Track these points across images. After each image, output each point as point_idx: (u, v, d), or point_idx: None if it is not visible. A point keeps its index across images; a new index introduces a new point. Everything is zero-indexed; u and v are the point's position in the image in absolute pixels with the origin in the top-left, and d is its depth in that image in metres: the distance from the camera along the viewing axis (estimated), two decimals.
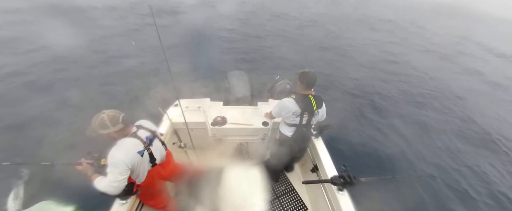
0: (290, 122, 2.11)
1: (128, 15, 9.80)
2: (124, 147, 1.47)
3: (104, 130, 1.43)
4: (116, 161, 1.40)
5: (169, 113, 2.47)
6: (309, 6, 16.66)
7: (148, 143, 1.61)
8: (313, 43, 9.34)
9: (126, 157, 1.44)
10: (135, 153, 1.50)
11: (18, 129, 3.80)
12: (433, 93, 6.75)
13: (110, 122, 1.43)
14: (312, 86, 2.03)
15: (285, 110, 2.06)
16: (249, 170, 1.97)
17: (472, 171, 4.24)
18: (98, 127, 1.42)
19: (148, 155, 1.62)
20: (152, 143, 1.66)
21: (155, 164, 1.70)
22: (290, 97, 2.03)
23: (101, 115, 1.44)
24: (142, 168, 1.61)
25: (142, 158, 1.55)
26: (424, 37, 12.42)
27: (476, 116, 5.83)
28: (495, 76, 8.51)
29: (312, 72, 2.00)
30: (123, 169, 1.41)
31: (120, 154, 1.43)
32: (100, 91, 5.01)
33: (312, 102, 2.01)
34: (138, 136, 1.57)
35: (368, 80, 6.98)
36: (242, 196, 1.74)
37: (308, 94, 2.03)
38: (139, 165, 1.55)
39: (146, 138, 1.62)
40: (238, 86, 3.45)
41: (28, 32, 7.17)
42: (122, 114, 1.51)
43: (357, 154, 4.12)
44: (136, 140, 1.54)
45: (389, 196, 2.82)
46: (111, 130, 1.44)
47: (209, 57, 7.07)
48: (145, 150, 1.57)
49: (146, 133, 1.65)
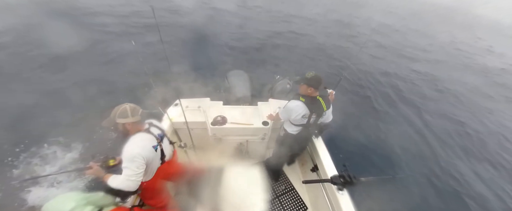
0: (297, 123, 2.11)
1: (128, 15, 9.79)
2: (141, 141, 1.53)
3: (123, 119, 1.50)
4: (134, 154, 1.43)
5: (169, 112, 2.47)
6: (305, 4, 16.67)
7: (160, 139, 1.66)
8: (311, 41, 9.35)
9: (143, 150, 1.48)
10: (150, 147, 1.55)
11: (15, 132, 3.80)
12: (435, 93, 6.76)
13: (131, 112, 1.51)
14: (319, 88, 2.02)
15: (295, 113, 2.03)
16: (249, 169, 1.98)
17: (472, 171, 4.24)
18: (119, 115, 1.50)
19: (160, 151, 1.67)
20: (162, 140, 1.71)
21: (164, 161, 1.74)
22: (298, 100, 2.01)
23: (124, 105, 1.54)
24: (155, 164, 1.66)
25: (156, 153, 1.60)
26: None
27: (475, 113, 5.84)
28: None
29: (318, 74, 1.99)
30: (140, 162, 1.44)
31: (137, 147, 1.47)
32: (100, 91, 5.01)
33: (322, 104, 2.03)
34: (151, 132, 1.62)
35: (369, 77, 6.98)
36: (242, 196, 1.74)
37: (316, 96, 2.03)
38: (153, 160, 1.60)
39: (158, 135, 1.67)
40: (238, 86, 3.46)
41: (26, 30, 7.17)
42: (141, 109, 1.59)
43: (357, 153, 4.12)
44: (150, 135, 1.59)
45: (389, 196, 2.82)
46: (129, 119, 1.51)
47: (209, 57, 7.07)
48: (158, 145, 1.63)
49: (158, 130, 1.71)
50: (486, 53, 12.48)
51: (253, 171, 1.95)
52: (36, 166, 3.15)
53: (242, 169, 1.98)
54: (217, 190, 1.74)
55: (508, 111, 6.52)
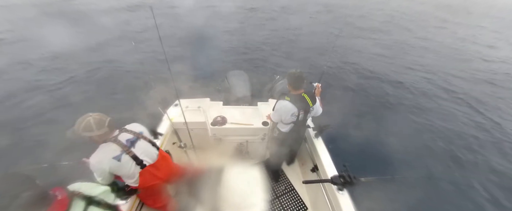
0: (288, 122, 2.15)
1: (128, 15, 9.80)
2: (100, 153, 1.50)
3: (88, 132, 1.45)
4: (93, 164, 1.48)
5: (169, 112, 2.47)
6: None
7: (128, 146, 1.58)
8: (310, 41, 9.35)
9: (99, 163, 1.48)
10: (110, 158, 1.50)
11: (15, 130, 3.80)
12: (436, 93, 6.76)
13: (96, 125, 1.45)
14: (300, 86, 2.04)
15: (284, 114, 2.08)
16: (249, 169, 1.98)
17: (473, 170, 4.24)
18: (83, 129, 1.43)
19: (131, 158, 1.58)
20: (134, 145, 1.62)
21: (144, 165, 1.66)
22: (284, 100, 2.04)
23: (87, 117, 1.45)
24: (127, 171, 1.59)
25: (119, 162, 1.53)
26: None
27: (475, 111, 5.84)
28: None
29: (299, 71, 2.01)
30: (99, 172, 1.50)
31: (94, 159, 1.48)
32: (100, 91, 5.01)
33: (307, 100, 2.07)
34: (118, 140, 1.55)
35: (370, 78, 6.99)
36: (242, 196, 1.74)
37: (301, 93, 2.06)
38: (120, 169, 1.56)
39: (127, 140, 1.59)
40: (238, 86, 3.46)
41: (30, 33, 7.17)
42: (108, 118, 1.52)
43: (357, 154, 4.12)
44: (113, 145, 1.53)
45: (389, 196, 2.82)
46: (94, 133, 1.45)
47: (209, 57, 7.08)
48: (123, 154, 1.54)
49: (128, 135, 1.62)
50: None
51: (253, 171, 1.95)
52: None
53: (242, 169, 1.98)
54: (217, 190, 1.74)
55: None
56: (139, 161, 1.62)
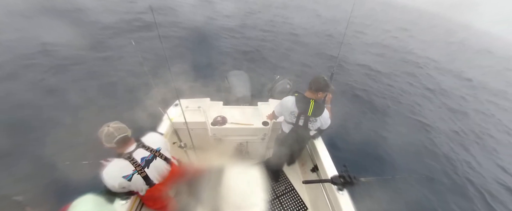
0: (288, 120, 2.14)
1: (128, 15, 9.78)
2: (111, 170, 1.46)
3: (106, 144, 1.47)
4: (104, 178, 1.45)
5: (169, 112, 2.47)
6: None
7: (142, 166, 1.53)
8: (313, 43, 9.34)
9: (110, 178, 1.45)
10: (120, 177, 1.46)
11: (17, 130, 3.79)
12: (438, 91, 6.75)
13: (105, 138, 1.44)
14: (313, 88, 1.96)
15: (285, 108, 2.08)
16: (249, 169, 1.97)
17: (472, 171, 4.24)
18: (101, 137, 1.46)
19: (142, 178, 1.54)
20: (148, 165, 1.57)
21: (153, 184, 1.62)
22: (292, 95, 2.04)
23: (105, 127, 1.46)
24: (135, 188, 1.57)
25: (129, 182, 1.49)
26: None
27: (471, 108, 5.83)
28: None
29: (322, 77, 1.94)
30: (109, 185, 1.47)
31: (106, 174, 1.44)
32: (100, 91, 5.00)
33: (310, 107, 1.97)
34: (133, 157, 1.50)
35: (370, 80, 6.98)
36: (242, 196, 1.74)
37: (311, 98, 1.99)
38: (130, 186, 1.53)
39: (142, 159, 1.54)
40: (238, 86, 3.45)
41: (28, 31, 7.15)
42: (121, 135, 1.46)
43: (357, 154, 4.13)
44: (125, 163, 1.47)
45: (389, 196, 2.82)
46: (104, 145, 1.46)
47: (209, 57, 7.07)
48: (135, 174, 1.50)
49: (145, 153, 1.57)
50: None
51: (253, 171, 1.94)
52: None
53: (242, 169, 1.97)
54: (217, 190, 1.74)
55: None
56: (149, 181, 1.59)
